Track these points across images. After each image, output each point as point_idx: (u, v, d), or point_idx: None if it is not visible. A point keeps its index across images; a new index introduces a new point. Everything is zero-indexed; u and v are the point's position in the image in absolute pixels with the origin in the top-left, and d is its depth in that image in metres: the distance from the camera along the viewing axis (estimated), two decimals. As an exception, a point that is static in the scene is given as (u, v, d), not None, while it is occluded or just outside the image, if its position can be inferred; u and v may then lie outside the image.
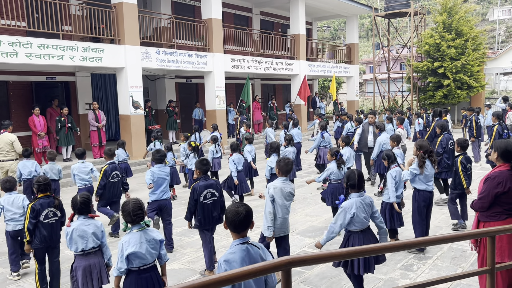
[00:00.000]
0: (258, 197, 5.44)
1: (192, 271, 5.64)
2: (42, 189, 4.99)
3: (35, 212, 4.84)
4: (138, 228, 3.66)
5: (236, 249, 2.86)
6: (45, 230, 4.89)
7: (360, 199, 4.17)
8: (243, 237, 2.92)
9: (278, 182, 4.66)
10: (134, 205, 3.63)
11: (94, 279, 4.25)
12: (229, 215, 2.89)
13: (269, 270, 1.79)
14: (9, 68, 12.20)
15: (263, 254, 2.95)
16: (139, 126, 13.23)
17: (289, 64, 19.29)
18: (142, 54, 13.12)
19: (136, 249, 3.57)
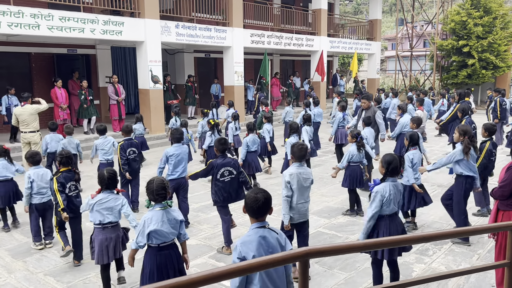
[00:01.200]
0: None
1: (209, 247, 5.76)
2: (64, 162, 5.16)
3: (60, 184, 5.05)
4: (160, 207, 3.74)
5: (253, 233, 2.88)
6: (68, 201, 5.10)
7: (393, 184, 4.10)
8: (261, 221, 2.94)
9: (293, 168, 4.63)
10: (158, 184, 3.70)
11: (110, 251, 4.40)
12: (248, 201, 2.91)
13: (286, 260, 1.81)
14: (31, 40, 12.30)
15: (280, 239, 2.95)
16: (158, 101, 13.30)
17: (309, 40, 18.96)
18: (162, 28, 13.06)
19: (157, 227, 3.66)
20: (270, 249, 2.87)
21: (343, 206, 7.26)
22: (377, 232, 4.10)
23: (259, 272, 2.76)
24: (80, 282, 4.85)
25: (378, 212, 4.09)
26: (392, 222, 4.11)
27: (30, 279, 4.93)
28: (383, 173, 4.13)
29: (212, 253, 5.57)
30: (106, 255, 4.37)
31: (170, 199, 3.86)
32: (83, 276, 4.98)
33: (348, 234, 6.12)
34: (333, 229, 6.30)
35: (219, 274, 1.60)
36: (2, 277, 4.98)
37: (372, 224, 4.12)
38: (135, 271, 5.03)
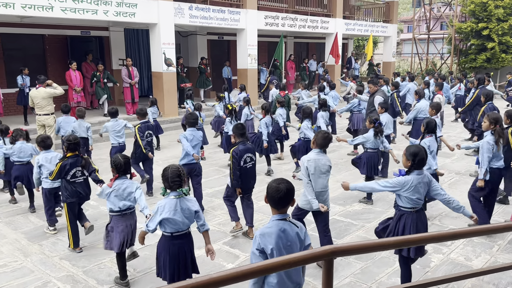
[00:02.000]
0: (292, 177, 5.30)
1: (223, 233, 5.72)
2: (71, 147, 5.11)
3: (62, 171, 5.04)
4: (175, 195, 3.67)
5: (274, 225, 2.81)
6: (74, 187, 5.12)
7: (419, 177, 3.86)
8: (283, 213, 2.85)
9: (312, 154, 4.52)
10: (173, 172, 3.62)
11: (130, 238, 4.38)
12: (270, 190, 2.82)
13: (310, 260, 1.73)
14: (45, 22, 12.25)
15: (300, 233, 2.88)
16: (171, 84, 13.21)
17: (324, 22, 18.59)
18: (175, 9, 12.88)
19: (170, 215, 3.61)
20: (289, 243, 2.80)
21: (359, 193, 7.15)
22: (403, 228, 3.89)
23: (276, 256, 2.70)
24: (95, 267, 4.86)
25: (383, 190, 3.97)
26: (419, 217, 3.91)
27: (46, 263, 4.96)
28: (409, 166, 3.89)
29: (227, 239, 5.54)
30: (127, 242, 4.37)
31: (187, 188, 3.78)
32: (98, 261, 5.00)
33: (364, 222, 6.03)
34: (349, 217, 6.21)
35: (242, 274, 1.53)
36: (18, 260, 5.02)
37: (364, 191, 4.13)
38: (150, 256, 5.05)
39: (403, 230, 3.87)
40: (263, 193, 7.00)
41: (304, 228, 2.97)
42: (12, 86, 11.79)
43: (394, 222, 3.99)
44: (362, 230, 5.77)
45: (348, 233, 5.68)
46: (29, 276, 4.68)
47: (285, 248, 2.78)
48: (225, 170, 8.83)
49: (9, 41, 12.43)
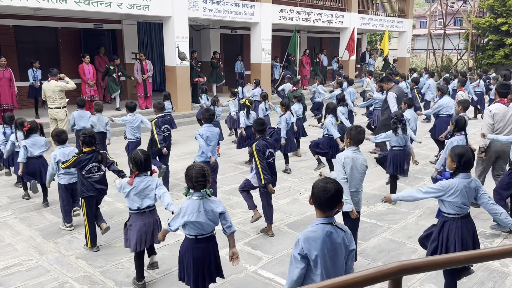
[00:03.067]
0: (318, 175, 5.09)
1: (243, 233, 5.52)
2: (87, 141, 4.94)
3: (76, 164, 4.90)
4: (198, 196, 3.45)
5: (318, 229, 2.59)
6: (90, 182, 4.95)
7: (466, 182, 3.57)
8: (329, 217, 2.62)
9: (349, 152, 4.28)
10: (197, 171, 3.40)
11: (148, 237, 4.20)
12: (316, 190, 2.59)
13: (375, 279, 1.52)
14: (58, 14, 12.10)
15: (346, 239, 2.66)
16: (185, 78, 13.02)
17: (339, 16, 18.25)
18: (189, 2, 12.66)
19: (192, 218, 3.38)
20: (334, 249, 2.60)
21: (381, 192, 6.91)
22: (446, 236, 3.61)
23: (320, 263, 2.55)
24: (112, 267, 4.69)
25: (429, 197, 3.65)
26: (464, 224, 3.62)
27: (62, 262, 4.80)
28: (454, 168, 3.60)
29: (247, 240, 5.34)
30: (144, 241, 4.17)
31: (211, 189, 3.55)
32: (115, 260, 4.82)
33: (390, 224, 5.78)
34: (373, 218, 5.98)
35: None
36: (33, 259, 4.87)
37: (407, 200, 3.85)
38: (168, 257, 4.88)
39: (447, 238, 3.59)
40: (281, 191, 6.84)
41: (349, 232, 2.74)
42: (26, 79, 11.66)
43: (437, 229, 3.71)
44: (389, 232, 5.53)
45: (374, 235, 5.45)
46: (45, 276, 4.52)
47: (329, 255, 2.59)
48: (242, 166, 8.62)
49: (23, 34, 12.31)
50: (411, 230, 5.58)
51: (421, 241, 4.02)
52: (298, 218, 6.01)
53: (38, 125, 6.36)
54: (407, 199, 3.89)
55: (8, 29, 11.99)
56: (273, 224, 5.52)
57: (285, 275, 4.48)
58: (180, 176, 7.89)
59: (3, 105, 10.14)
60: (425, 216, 6.07)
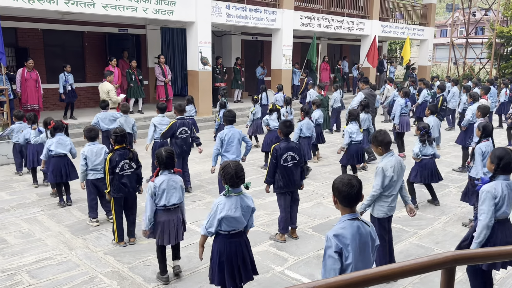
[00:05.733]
0: None
1: (268, 234, 5.53)
2: (119, 140, 5.03)
3: (112, 164, 4.95)
4: (236, 192, 3.49)
5: (347, 225, 2.64)
6: (121, 180, 5.00)
7: (506, 183, 3.52)
8: (353, 212, 2.69)
9: (388, 159, 4.19)
10: (236, 167, 3.45)
11: (172, 233, 4.25)
12: (343, 187, 2.63)
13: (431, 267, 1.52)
14: (85, 19, 12.38)
15: (373, 234, 2.74)
16: (207, 83, 13.15)
17: (360, 23, 18.24)
18: (213, 8, 12.82)
19: (231, 213, 3.42)
20: (364, 244, 2.65)
21: (406, 198, 6.84)
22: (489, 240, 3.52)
23: (352, 258, 2.57)
24: (140, 264, 4.74)
25: (493, 217, 3.45)
26: (505, 227, 3.55)
27: (90, 257, 4.88)
28: (493, 170, 3.55)
29: (273, 241, 5.34)
30: (167, 237, 4.23)
31: (249, 182, 3.59)
32: (143, 257, 4.88)
33: (416, 229, 5.72)
34: (399, 223, 5.92)
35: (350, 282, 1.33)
36: (63, 254, 4.96)
37: (487, 234, 3.47)
38: (195, 255, 4.91)
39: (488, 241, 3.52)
40: (305, 195, 6.83)
41: (373, 227, 2.81)
42: (52, 82, 11.94)
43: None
44: (416, 237, 5.48)
45: (400, 240, 5.40)
46: (75, 270, 4.60)
47: (360, 249, 2.62)
48: (264, 170, 8.65)
49: (50, 37, 12.62)
50: (438, 236, 5.52)
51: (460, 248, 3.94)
52: (322, 221, 5.99)
53: (63, 124, 6.49)
54: (485, 234, 3.51)
55: (37, 32, 12.31)
56: (297, 228, 5.52)
57: (312, 276, 4.49)
58: (203, 178, 7.97)
59: (29, 106, 10.39)
60: (452, 222, 5.99)
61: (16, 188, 7.30)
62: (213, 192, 7.09)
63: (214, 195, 6.91)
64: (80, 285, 4.30)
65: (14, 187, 7.35)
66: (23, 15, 11.22)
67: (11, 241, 5.27)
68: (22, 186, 7.36)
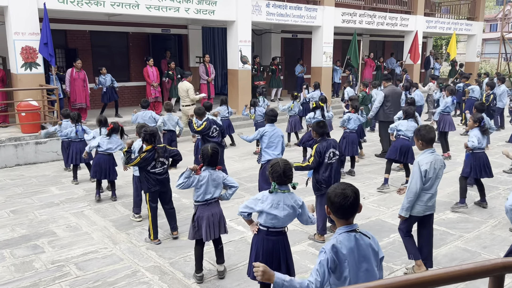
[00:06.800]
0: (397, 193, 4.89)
1: (307, 233, 5.50)
2: (147, 139, 5.11)
3: (141, 163, 5.05)
4: (282, 190, 3.49)
5: (343, 238, 2.42)
6: (156, 178, 5.12)
7: None
8: (350, 224, 2.46)
9: (427, 155, 4.11)
10: (285, 165, 3.45)
11: (216, 227, 4.31)
12: (336, 199, 2.40)
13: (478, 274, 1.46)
14: (130, 20, 12.77)
15: (374, 245, 2.50)
16: (246, 81, 13.23)
17: (404, 19, 17.73)
18: (253, 7, 12.87)
19: (272, 209, 3.42)
20: (363, 257, 2.44)
21: (451, 200, 6.60)
22: None
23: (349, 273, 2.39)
24: (181, 259, 4.85)
25: None
26: None
27: (134, 252, 5.04)
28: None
29: (311, 241, 5.31)
30: (213, 231, 4.30)
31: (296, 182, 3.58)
32: (183, 253, 4.98)
33: (462, 232, 5.51)
34: (443, 225, 5.72)
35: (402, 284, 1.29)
36: (108, 247, 5.15)
37: None
38: (234, 252, 4.97)
39: None
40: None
41: (375, 238, 2.58)
42: (99, 81, 12.40)
43: None
44: (461, 241, 5.27)
45: (444, 243, 5.21)
46: (118, 263, 4.76)
47: (359, 262, 2.43)
48: (303, 169, 8.62)
49: (97, 38, 13.12)
50: (486, 240, 5.28)
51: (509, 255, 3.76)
52: (363, 222, 5.88)
53: (119, 126, 6.70)
54: None
55: (85, 34, 12.82)
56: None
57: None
58: (242, 176, 8.02)
59: (78, 104, 10.84)
60: (500, 226, 5.72)
61: (65, 184, 7.65)
62: (251, 190, 7.12)
63: (252, 193, 6.94)
64: (123, 278, 4.45)
65: (63, 182, 7.71)
66: (72, 17, 11.71)
67: (60, 234, 5.53)
68: (70, 182, 7.70)
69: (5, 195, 7.00)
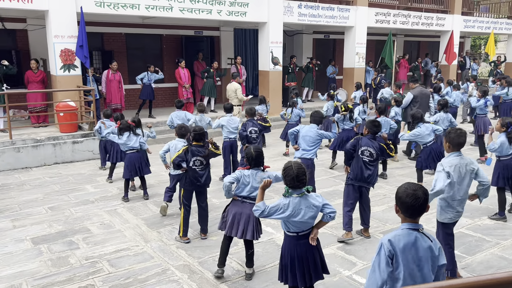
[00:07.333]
0: None
1: (335, 237, 5.44)
2: (197, 138, 5.25)
3: (182, 156, 5.16)
4: (298, 194, 3.47)
5: (404, 233, 2.52)
6: (193, 175, 5.19)
7: None
8: (415, 223, 2.56)
9: (452, 158, 4.01)
10: (298, 169, 3.41)
11: (238, 227, 4.32)
12: (407, 199, 2.50)
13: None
14: (164, 22, 13.02)
15: (434, 248, 2.54)
16: (277, 83, 13.23)
17: (440, 18, 17.26)
18: (285, 8, 12.86)
19: (293, 214, 3.39)
20: (420, 257, 2.50)
21: (488, 205, 6.36)
22: None
23: (403, 270, 2.45)
24: (210, 259, 4.90)
25: None
26: None
27: (164, 250, 5.13)
28: None
29: (341, 244, 5.25)
30: (236, 229, 4.32)
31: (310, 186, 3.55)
32: (213, 253, 5.03)
33: (499, 239, 5.30)
34: (479, 231, 5.53)
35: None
36: (139, 245, 5.27)
37: None
38: (262, 254, 4.97)
39: None
40: (376, 198, 6.61)
41: (438, 244, 2.59)
42: (133, 82, 12.70)
43: None
44: (498, 248, 5.08)
45: (480, 249, 5.03)
46: (149, 261, 4.87)
47: (414, 263, 2.48)
48: (333, 171, 8.53)
49: (132, 40, 13.45)
50: (525, 248, 5.07)
51: None
52: (394, 226, 5.76)
53: (128, 125, 6.83)
54: None
55: (120, 36, 13.18)
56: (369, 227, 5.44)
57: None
58: (272, 177, 8.00)
59: (113, 105, 11.14)
60: (541, 234, 5.47)
61: (99, 182, 7.88)
62: (280, 192, 7.08)
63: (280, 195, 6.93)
64: (153, 276, 4.54)
65: (98, 181, 7.94)
66: (108, 20, 12.06)
67: (94, 231, 5.70)
68: (105, 180, 7.92)
69: (43, 192, 7.29)
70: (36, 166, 8.89)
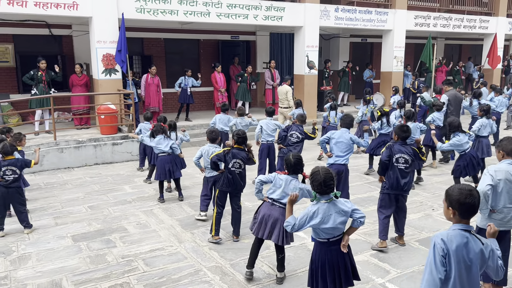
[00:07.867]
0: None
1: (369, 244, 5.36)
2: (240, 141, 5.35)
3: (220, 156, 5.27)
4: (326, 199, 3.44)
5: (456, 234, 2.52)
6: (231, 176, 5.28)
7: None
8: (467, 224, 2.57)
9: (502, 165, 3.88)
10: (325, 175, 3.38)
11: (265, 229, 4.34)
12: (467, 199, 2.51)
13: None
14: (201, 28, 13.27)
15: (485, 252, 2.53)
16: (312, 87, 13.19)
17: (483, 21, 16.65)
18: (321, 12, 12.81)
19: (323, 221, 3.36)
20: (470, 259, 2.50)
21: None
22: None
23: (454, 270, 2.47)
24: (241, 261, 4.94)
25: None
26: None
27: (197, 251, 5.22)
28: None
29: (374, 251, 5.16)
30: (262, 230, 4.36)
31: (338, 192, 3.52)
32: (244, 255, 5.05)
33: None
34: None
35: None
36: (173, 246, 5.39)
37: None
38: (294, 258, 4.97)
39: None
40: (413, 206, 6.46)
41: (490, 247, 2.57)
42: (171, 86, 12.99)
43: None
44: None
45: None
46: (183, 262, 4.97)
47: (464, 264, 2.48)
48: (368, 177, 8.39)
49: (171, 45, 13.77)
50: None
51: None
52: (430, 234, 5.61)
53: (163, 128, 7.00)
54: None
55: (159, 41, 13.53)
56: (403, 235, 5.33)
57: (416, 292, 4.23)
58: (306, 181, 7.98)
59: (151, 108, 11.44)
60: None
61: (137, 183, 8.11)
62: (314, 196, 7.07)
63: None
64: (186, 276, 4.63)
65: (136, 182, 8.18)
66: (148, 26, 12.41)
67: (131, 231, 5.88)
68: (142, 181, 8.15)
69: (84, 192, 7.59)
70: (78, 166, 9.26)
